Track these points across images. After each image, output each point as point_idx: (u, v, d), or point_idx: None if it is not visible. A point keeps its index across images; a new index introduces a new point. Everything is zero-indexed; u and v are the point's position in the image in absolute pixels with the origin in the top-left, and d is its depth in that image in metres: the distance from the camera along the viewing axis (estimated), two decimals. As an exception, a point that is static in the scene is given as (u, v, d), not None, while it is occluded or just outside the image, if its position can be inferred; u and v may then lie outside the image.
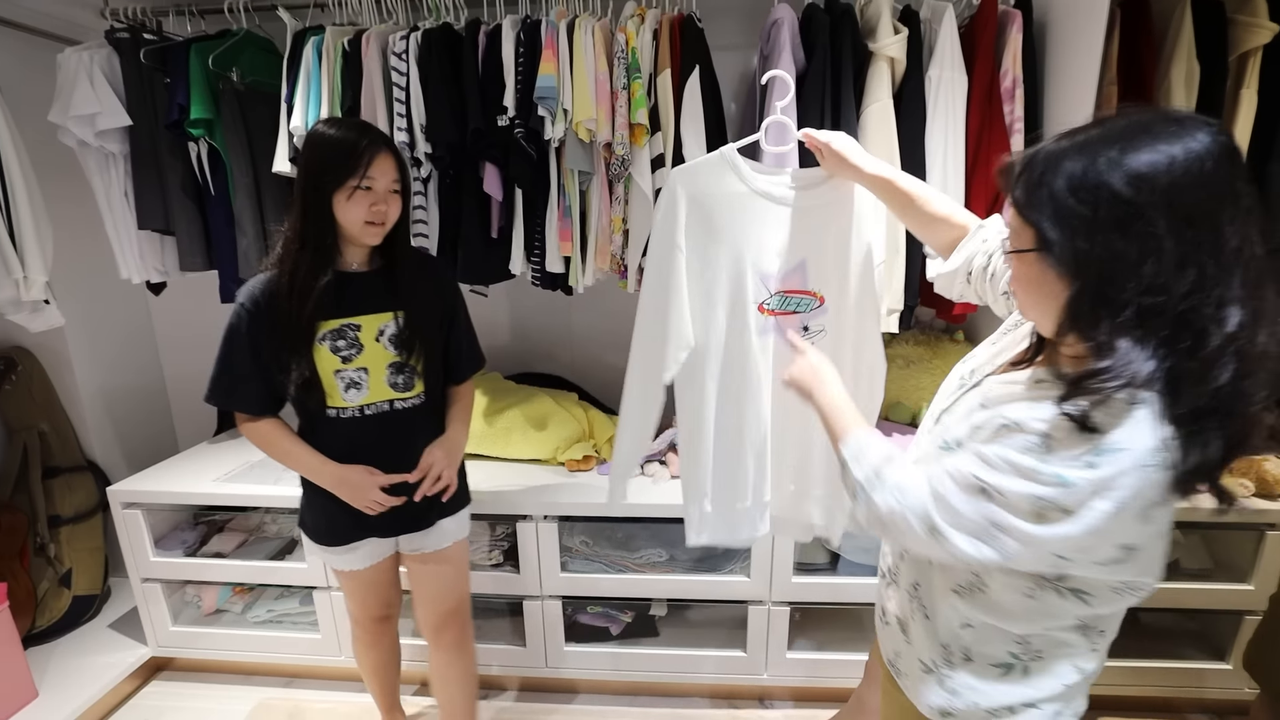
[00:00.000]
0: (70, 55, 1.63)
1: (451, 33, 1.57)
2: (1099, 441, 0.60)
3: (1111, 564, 0.67)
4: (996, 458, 0.66)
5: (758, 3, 1.61)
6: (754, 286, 1.13)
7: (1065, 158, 0.62)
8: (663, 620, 1.83)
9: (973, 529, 0.67)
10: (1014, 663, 0.77)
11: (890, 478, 0.75)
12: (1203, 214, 0.58)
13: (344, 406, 1.20)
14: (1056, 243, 0.62)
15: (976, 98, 1.46)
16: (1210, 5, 1.37)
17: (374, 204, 1.12)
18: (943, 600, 0.81)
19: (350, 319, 1.17)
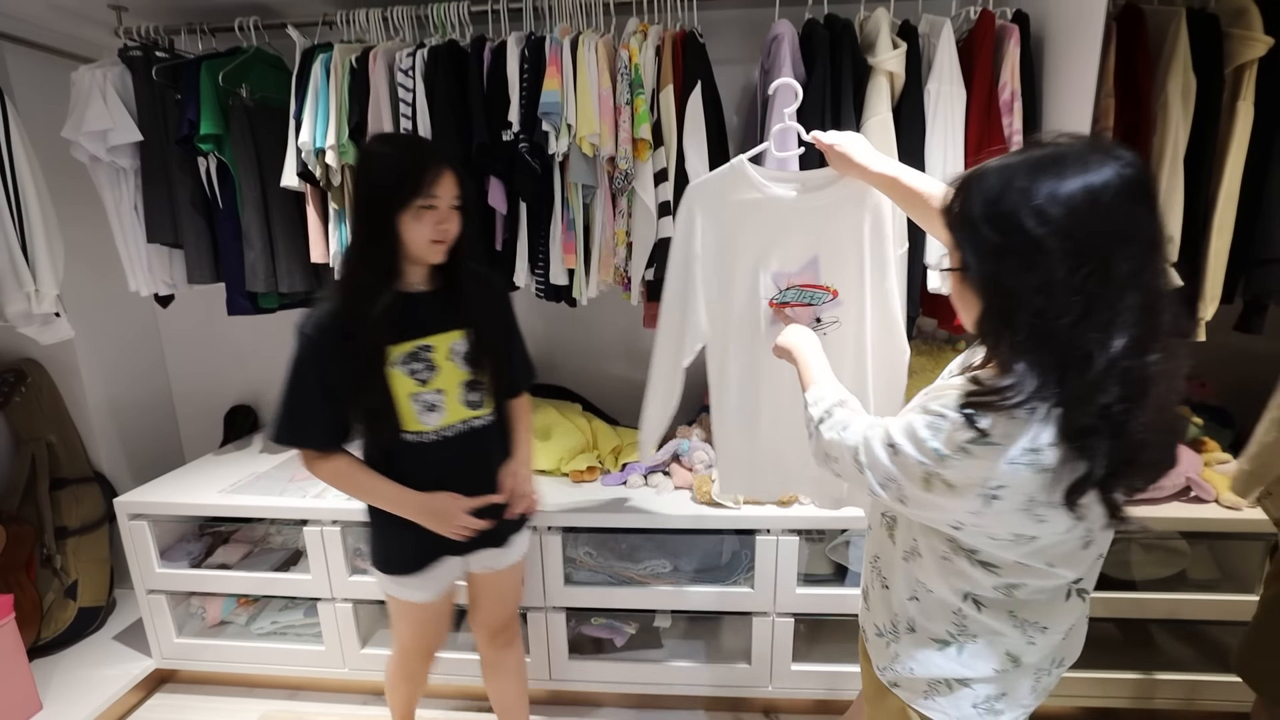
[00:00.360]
0: (84, 73, 1.66)
1: (457, 49, 1.59)
2: (980, 437, 0.68)
3: (1007, 544, 0.75)
4: (908, 425, 0.75)
5: (758, 18, 1.64)
6: (764, 284, 1.26)
7: (987, 184, 0.68)
8: (667, 632, 1.82)
9: (881, 476, 0.79)
10: (950, 640, 0.85)
11: (838, 416, 0.88)
12: (1095, 246, 0.62)
13: (423, 430, 1.17)
14: (972, 265, 0.70)
15: (975, 111, 1.48)
16: (1205, 19, 1.39)
17: (439, 222, 1.11)
18: (896, 571, 0.90)
19: (423, 340, 1.16)
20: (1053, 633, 0.82)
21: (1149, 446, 0.66)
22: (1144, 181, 0.64)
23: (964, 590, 0.82)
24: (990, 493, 0.69)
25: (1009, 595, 0.80)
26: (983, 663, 0.83)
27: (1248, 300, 1.55)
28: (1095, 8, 1.28)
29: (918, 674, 0.87)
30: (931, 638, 0.86)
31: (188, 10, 1.77)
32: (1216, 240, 1.43)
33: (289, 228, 1.75)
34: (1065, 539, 0.74)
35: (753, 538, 1.59)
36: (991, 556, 0.78)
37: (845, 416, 0.88)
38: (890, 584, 0.91)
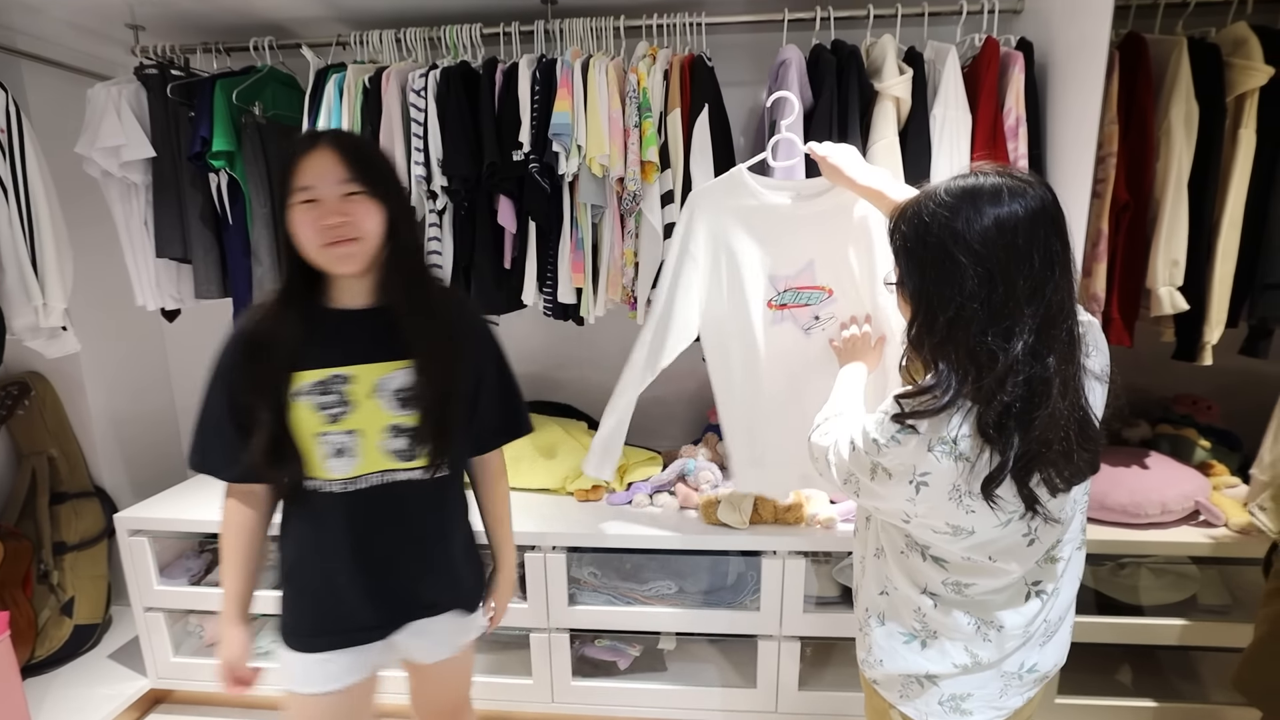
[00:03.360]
0: (100, 90, 1.68)
1: (469, 71, 1.62)
2: (908, 429, 0.79)
3: (946, 536, 0.83)
4: (862, 425, 0.85)
5: (766, 42, 1.66)
6: (764, 287, 1.35)
7: (918, 210, 0.79)
8: (671, 655, 1.80)
9: (843, 473, 0.88)
10: (914, 635, 0.93)
11: (828, 424, 0.98)
12: (1001, 267, 0.73)
13: (328, 479, 0.96)
14: (905, 278, 0.82)
15: (981, 136, 1.50)
16: (1206, 48, 1.41)
17: (324, 218, 0.88)
18: (870, 567, 0.99)
19: (340, 369, 0.94)
20: (1008, 631, 0.89)
21: (1053, 442, 0.75)
22: (1050, 212, 0.75)
23: (921, 585, 0.90)
24: (920, 480, 0.79)
25: (960, 593, 0.88)
26: (944, 659, 0.91)
27: (1252, 325, 1.56)
28: (1098, 36, 1.30)
29: (889, 668, 0.95)
30: (899, 631, 0.94)
31: (204, 30, 1.80)
32: (1221, 265, 1.44)
33: (298, 244, 1.75)
34: (1004, 534, 0.82)
35: (759, 559, 1.57)
36: (941, 551, 0.87)
37: (832, 425, 0.97)
38: (867, 580, 1.00)
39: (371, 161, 0.92)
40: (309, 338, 0.94)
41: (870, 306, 1.28)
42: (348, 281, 0.95)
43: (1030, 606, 0.89)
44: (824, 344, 1.34)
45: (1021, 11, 1.58)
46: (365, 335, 0.96)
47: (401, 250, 0.95)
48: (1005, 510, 0.79)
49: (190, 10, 1.71)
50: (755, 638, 1.62)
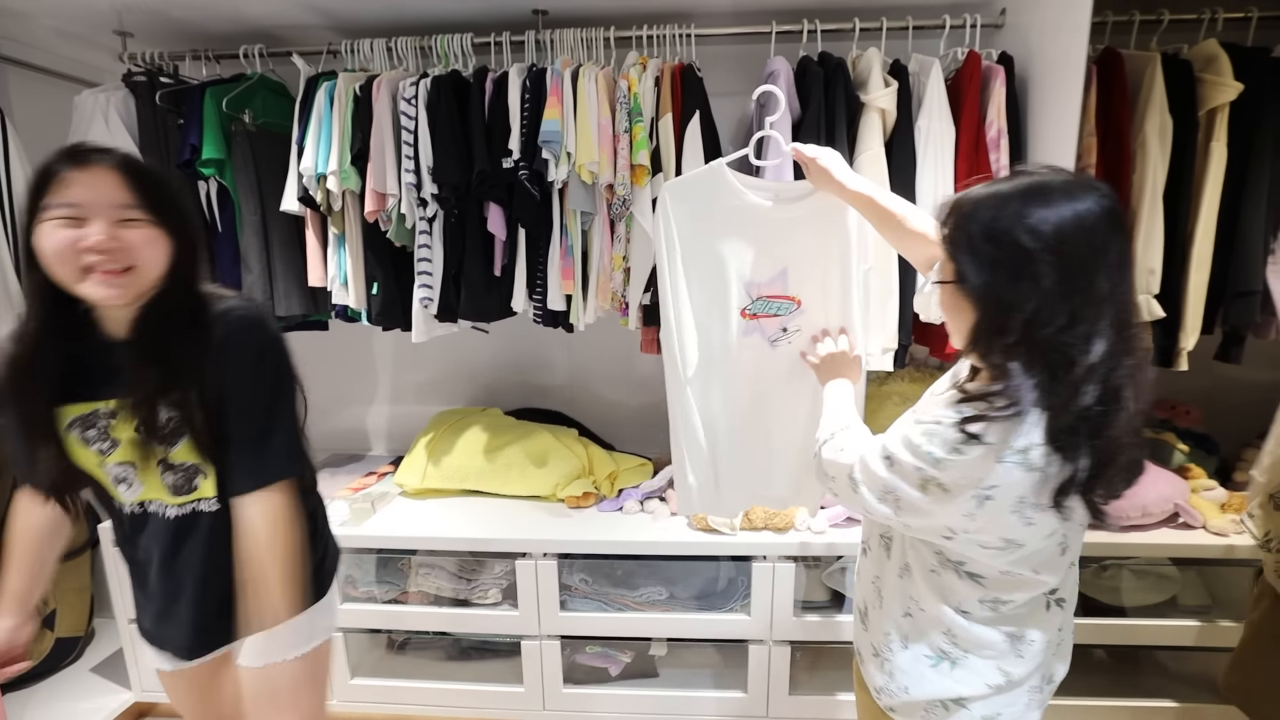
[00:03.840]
0: (87, 97, 1.67)
1: (459, 79, 1.63)
2: (973, 439, 0.73)
3: (995, 551, 0.78)
4: (903, 437, 0.80)
5: (753, 54, 1.69)
6: (737, 293, 1.25)
7: (983, 206, 0.74)
8: (662, 660, 1.80)
9: (878, 489, 0.82)
10: (943, 656, 0.87)
11: (839, 439, 0.93)
12: (1080, 263, 0.70)
13: (121, 501, 0.95)
14: (969, 276, 0.75)
15: (964, 147, 1.53)
16: (1179, 64, 1.46)
17: (85, 242, 0.79)
18: (892, 588, 0.92)
19: (100, 404, 0.88)
20: (1038, 645, 0.86)
21: (1124, 449, 0.72)
22: (1118, 211, 0.72)
23: (954, 604, 0.85)
24: (984, 493, 0.74)
25: (996, 610, 0.84)
26: (977, 679, 0.86)
27: (1226, 331, 1.60)
28: (1076, 51, 1.34)
29: (914, 694, 0.88)
30: (925, 654, 0.88)
31: (193, 37, 1.80)
32: (1195, 274, 1.48)
33: (288, 252, 1.75)
34: (1046, 544, 0.79)
35: (749, 564, 1.59)
36: (979, 567, 0.82)
37: (845, 439, 0.92)
38: (885, 601, 0.93)
39: (160, 187, 0.85)
40: (73, 369, 0.87)
41: (841, 320, 1.24)
42: (110, 309, 0.87)
43: (1053, 617, 0.86)
44: (791, 358, 1.26)
45: (1003, 27, 1.62)
46: (125, 366, 0.88)
47: (176, 283, 0.88)
48: (1075, 520, 0.77)
49: (179, 17, 1.70)
50: (746, 643, 1.63)
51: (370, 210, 1.62)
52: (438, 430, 1.92)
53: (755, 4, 1.66)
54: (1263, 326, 1.56)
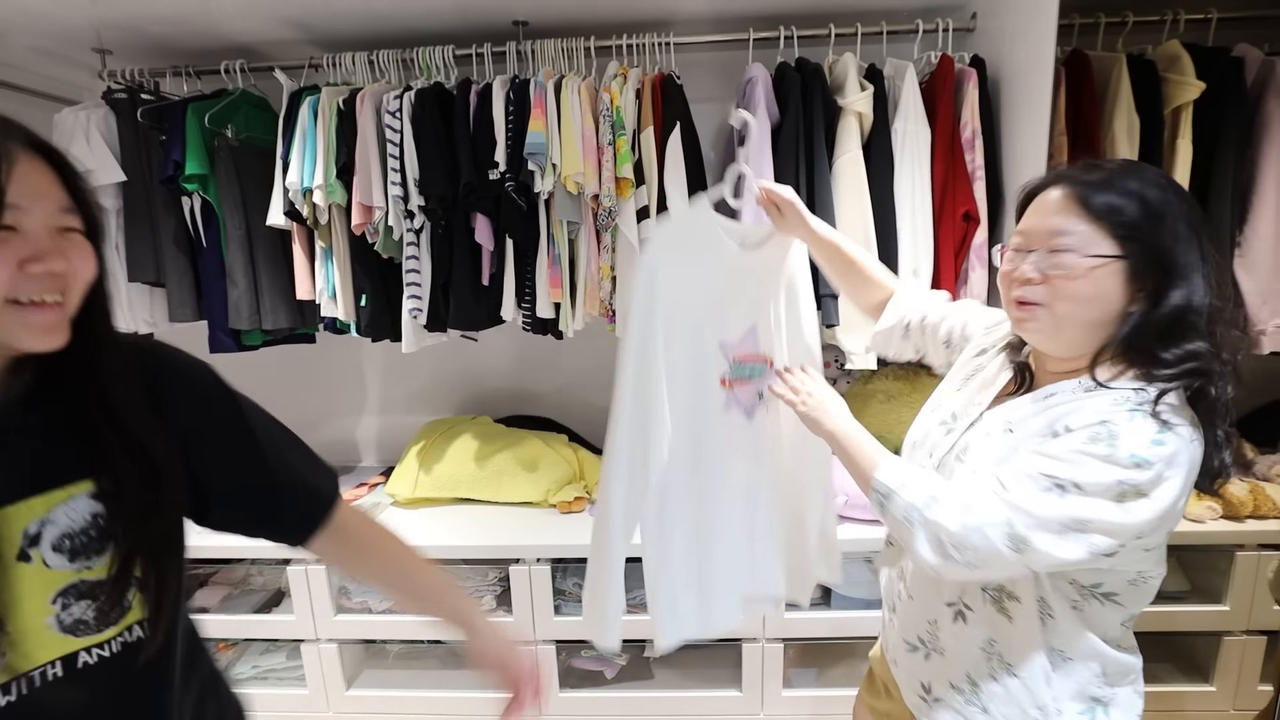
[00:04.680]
0: (67, 115, 1.67)
1: (443, 92, 1.64)
2: (1160, 423, 0.66)
3: (1155, 551, 0.73)
4: (1067, 452, 0.68)
5: (732, 60, 1.72)
6: (715, 360, 1.01)
7: (1122, 184, 0.71)
8: (657, 662, 1.82)
9: (1057, 528, 0.68)
10: (1095, 703, 0.78)
11: (950, 497, 0.73)
12: (1198, 227, 0.70)
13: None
14: (1128, 252, 0.70)
15: (940, 148, 1.56)
16: (1144, 64, 1.50)
17: (28, 259, 0.52)
18: (1022, 645, 0.78)
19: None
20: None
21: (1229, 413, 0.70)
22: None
23: (1100, 634, 0.77)
24: (1185, 483, 0.68)
25: (1128, 629, 0.79)
26: (1130, 713, 0.79)
27: (1199, 323, 1.64)
28: (1044, 53, 1.38)
29: None
30: (1079, 711, 0.77)
31: (173, 53, 1.80)
32: (1167, 267, 1.53)
33: (273, 265, 1.75)
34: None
35: (741, 564, 1.60)
36: (1115, 583, 0.75)
37: (957, 495, 0.74)
38: (1018, 666, 0.79)
39: (87, 184, 0.58)
40: None
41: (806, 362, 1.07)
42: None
43: (1142, 599, 0.79)
44: (769, 430, 1.08)
45: (974, 30, 1.66)
46: (10, 454, 0.56)
47: (96, 308, 0.59)
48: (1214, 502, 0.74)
49: (159, 34, 1.71)
50: (739, 641, 1.65)
51: (357, 223, 1.62)
52: (428, 439, 1.92)
53: (732, 11, 1.69)
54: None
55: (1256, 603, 1.55)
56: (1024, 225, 0.78)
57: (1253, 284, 1.53)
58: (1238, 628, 1.58)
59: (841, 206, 1.57)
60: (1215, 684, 1.62)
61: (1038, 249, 0.75)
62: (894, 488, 0.77)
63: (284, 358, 2.01)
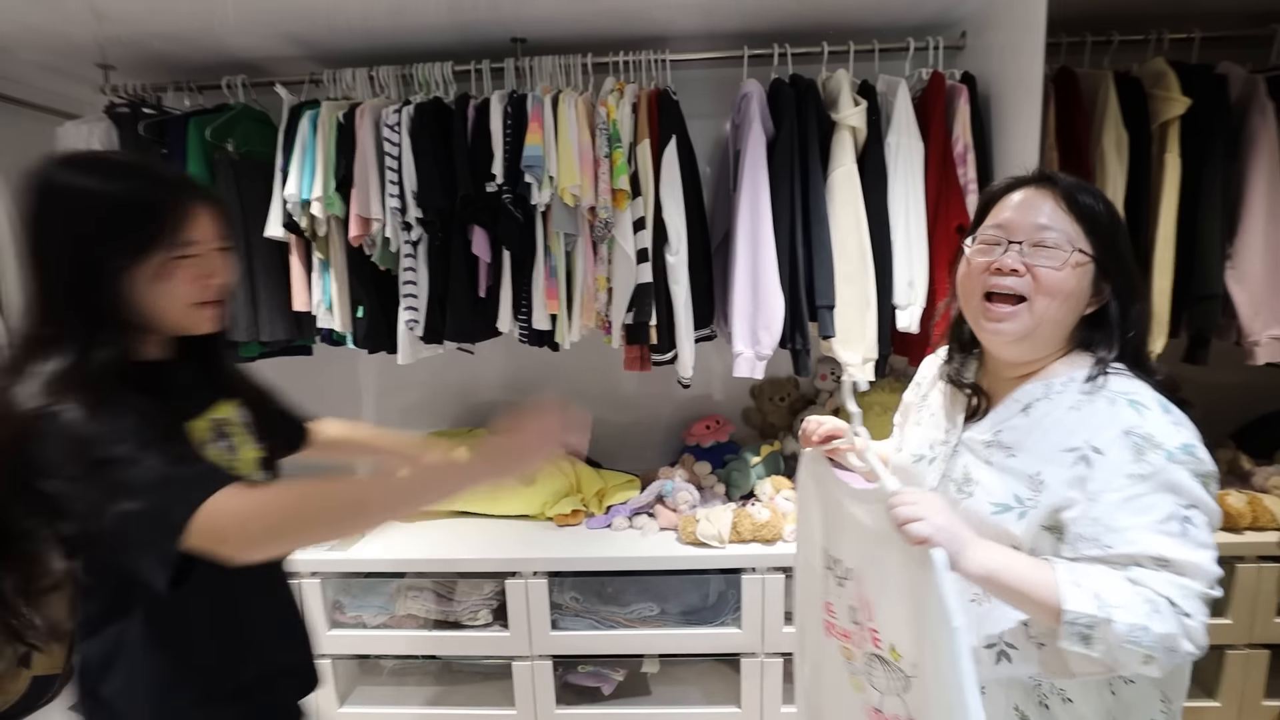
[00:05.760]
0: (70, 128, 1.69)
1: (442, 106, 1.66)
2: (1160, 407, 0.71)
3: None
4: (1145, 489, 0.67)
5: (727, 77, 1.75)
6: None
7: (1089, 188, 0.78)
8: (655, 678, 1.79)
9: (1212, 561, 0.67)
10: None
11: (1164, 601, 0.65)
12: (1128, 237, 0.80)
13: None
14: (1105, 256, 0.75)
15: (933, 162, 1.58)
16: (1131, 81, 1.53)
17: (206, 275, 0.80)
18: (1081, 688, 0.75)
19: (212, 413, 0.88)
20: None
21: None
22: None
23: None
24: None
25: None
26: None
27: (1191, 334, 1.66)
28: (1033, 70, 1.41)
29: None
30: None
31: (175, 69, 1.82)
32: (1158, 279, 1.54)
33: (271, 278, 1.76)
34: None
35: (739, 577, 1.59)
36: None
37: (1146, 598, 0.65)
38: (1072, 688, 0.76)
39: (229, 216, 0.90)
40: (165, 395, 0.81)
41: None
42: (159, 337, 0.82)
43: None
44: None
45: (964, 48, 1.69)
46: (191, 385, 0.87)
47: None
48: None
49: (162, 50, 1.73)
50: (738, 656, 1.63)
51: (355, 235, 1.63)
52: (424, 452, 1.91)
53: (727, 29, 1.72)
54: (1225, 329, 1.61)
55: (1259, 616, 1.55)
56: (1001, 218, 0.78)
57: (1245, 295, 1.55)
58: (1240, 641, 1.57)
59: (836, 219, 1.58)
60: (1220, 699, 1.60)
61: (1020, 241, 0.75)
62: (1099, 613, 0.64)
63: (281, 370, 1.99)
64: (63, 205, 0.76)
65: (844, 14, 1.64)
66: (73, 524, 0.75)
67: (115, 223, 0.75)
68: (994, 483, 0.77)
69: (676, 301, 1.63)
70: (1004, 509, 0.75)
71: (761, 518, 1.62)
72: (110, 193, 0.76)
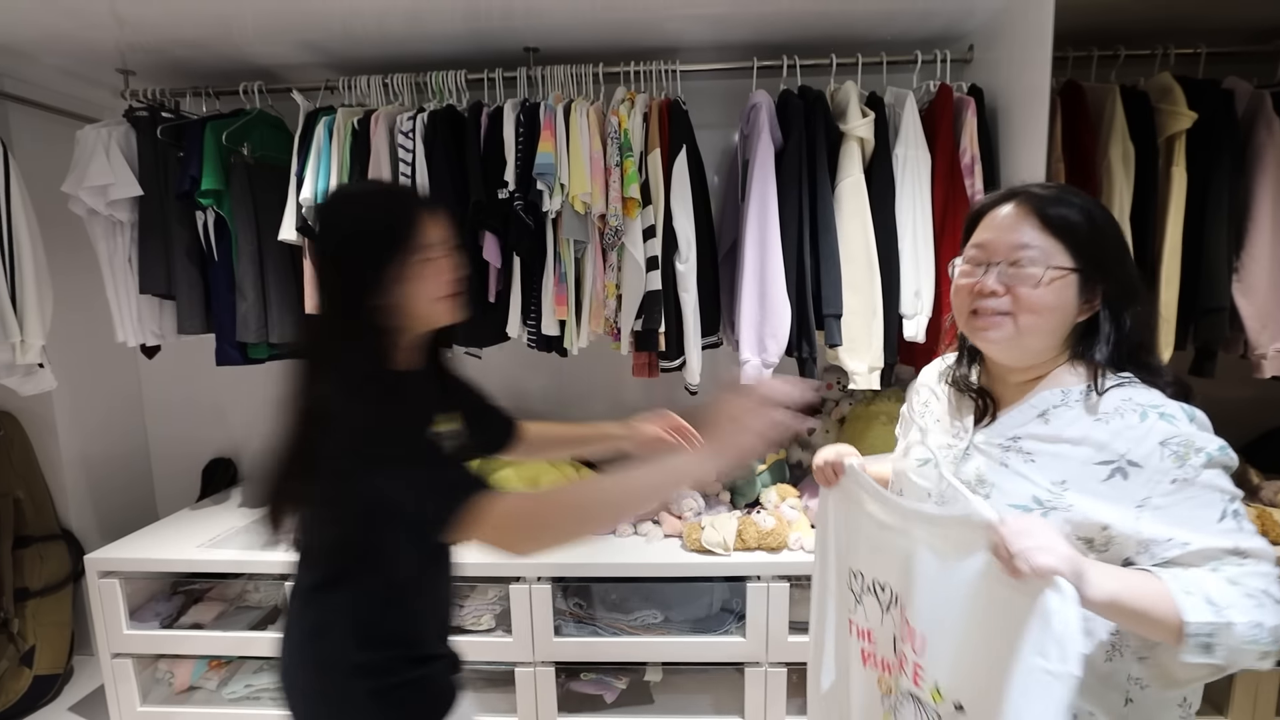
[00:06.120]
0: (89, 131, 1.71)
1: (455, 114, 1.69)
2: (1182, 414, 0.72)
3: None
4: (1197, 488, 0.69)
5: (736, 88, 1.77)
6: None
7: (1071, 198, 0.77)
8: (658, 686, 1.78)
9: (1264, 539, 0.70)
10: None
11: (1261, 593, 0.66)
12: (1125, 243, 0.81)
13: None
14: (1087, 267, 0.76)
15: (940, 173, 1.60)
16: (1137, 95, 1.54)
17: (453, 270, 0.93)
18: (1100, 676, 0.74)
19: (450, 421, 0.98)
20: None
21: None
22: None
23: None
24: None
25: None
26: None
27: (1198, 347, 1.66)
28: (1040, 84, 1.42)
29: None
30: None
31: (194, 74, 1.85)
32: (1165, 291, 1.54)
33: (282, 280, 1.78)
34: None
35: (743, 585, 1.58)
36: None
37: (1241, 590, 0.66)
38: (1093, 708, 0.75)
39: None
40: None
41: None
42: (409, 346, 0.93)
43: None
44: None
45: (971, 62, 1.71)
46: (431, 393, 1.00)
47: None
48: None
49: (182, 56, 1.76)
50: (742, 665, 1.62)
51: (366, 238, 1.65)
52: (430, 456, 1.91)
53: (737, 40, 1.74)
54: (1232, 341, 1.61)
55: (1268, 632, 1.53)
56: (981, 239, 0.81)
57: (1252, 309, 1.55)
58: (1250, 657, 1.55)
59: (844, 229, 1.59)
60: (1231, 717, 1.58)
61: (999, 261, 0.78)
62: (1220, 621, 0.64)
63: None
64: (336, 233, 0.89)
65: (852, 27, 1.67)
66: (334, 508, 0.87)
67: (377, 241, 0.87)
68: (1011, 485, 0.77)
69: (685, 309, 1.64)
70: (1023, 510, 0.76)
71: (767, 525, 1.61)
72: (369, 217, 0.89)
